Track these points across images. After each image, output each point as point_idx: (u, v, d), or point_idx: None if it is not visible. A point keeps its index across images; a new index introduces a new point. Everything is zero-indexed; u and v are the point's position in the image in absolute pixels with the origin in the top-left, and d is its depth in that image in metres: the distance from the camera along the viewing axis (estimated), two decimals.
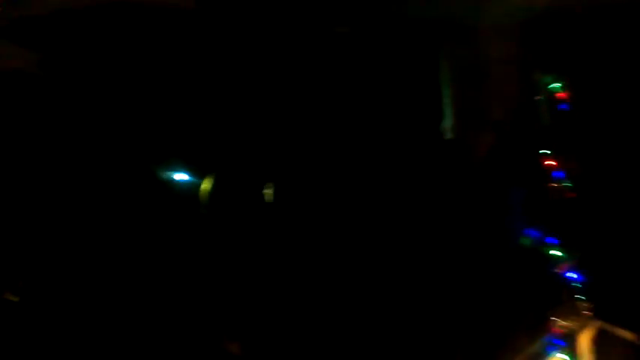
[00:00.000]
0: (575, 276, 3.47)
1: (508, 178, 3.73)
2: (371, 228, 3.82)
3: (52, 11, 4.00)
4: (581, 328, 3.37)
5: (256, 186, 4.02)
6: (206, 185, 3.92)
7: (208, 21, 3.98)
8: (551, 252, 3.44)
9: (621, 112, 4.09)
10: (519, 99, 3.85)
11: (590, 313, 3.48)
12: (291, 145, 4.11)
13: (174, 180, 3.96)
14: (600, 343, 3.43)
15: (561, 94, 3.61)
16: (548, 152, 3.62)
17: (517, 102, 3.89)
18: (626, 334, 3.47)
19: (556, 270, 3.42)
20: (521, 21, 4.09)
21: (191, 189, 3.94)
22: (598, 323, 3.44)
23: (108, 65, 4.17)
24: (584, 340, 3.38)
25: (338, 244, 3.82)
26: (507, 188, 3.70)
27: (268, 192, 3.90)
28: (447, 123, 4.06)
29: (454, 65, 4.26)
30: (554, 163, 3.62)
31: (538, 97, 3.58)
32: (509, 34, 4.11)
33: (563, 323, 3.34)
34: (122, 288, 3.79)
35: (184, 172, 3.98)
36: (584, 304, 3.51)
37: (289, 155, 4.11)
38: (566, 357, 3.32)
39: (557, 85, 3.59)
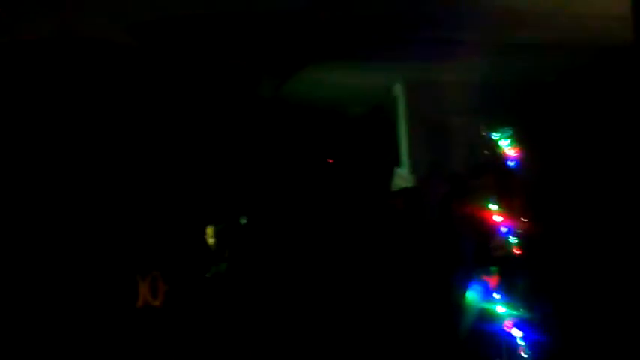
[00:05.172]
0: (520, 333, 3.47)
1: (458, 230, 3.75)
2: (318, 276, 3.87)
3: None
4: None
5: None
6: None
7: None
8: (496, 308, 3.44)
9: (571, 166, 4.15)
10: (474, 152, 3.89)
11: None
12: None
13: None
14: None
15: (510, 150, 3.63)
16: (496, 207, 3.62)
17: (472, 155, 3.94)
18: None
19: (500, 326, 3.42)
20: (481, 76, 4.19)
21: None
22: None
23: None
24: None
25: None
26: (456, 240, 3.72)
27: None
28: (402, 172, 4.11)
29: (414, 115, 4.31)
30: (501, 218, 3.61)
31: (486, 153, 3.61)
32: (470, 89, 4.18)
33: None
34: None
35: None
36: None
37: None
38: None
39: (507, 140, 3.62)
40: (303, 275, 3.91)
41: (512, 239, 3.51)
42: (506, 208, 3.54)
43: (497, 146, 3.59)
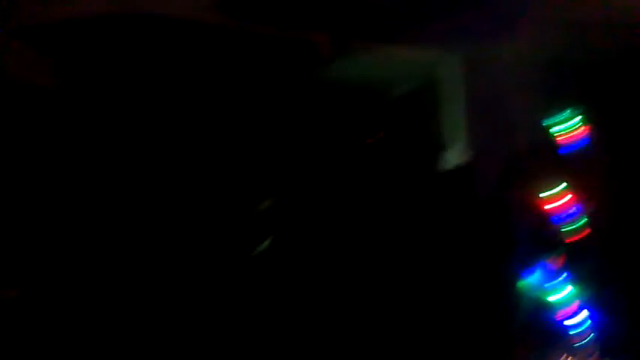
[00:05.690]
0: (580, 319, 3.37)
1: (514, 212, 3.63)
2: (369, 258, 3.74)
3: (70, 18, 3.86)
4: None
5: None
6: None
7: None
8: (551, 297, 3.33)
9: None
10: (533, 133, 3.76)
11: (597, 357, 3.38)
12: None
13: None
14: None
15: (575, 132, 3.53)
16: (560, 189, 3.52)
17: (531, 134, 3.81)
18: None
19: (556, 316, 3.32)
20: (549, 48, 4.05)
21: None
22: None
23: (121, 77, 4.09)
24: None
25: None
26: (512, 224, 3.60)
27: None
28: (453, 152, 3.98)
29: (469, 94, 4.17)
30: (564, 200, 3.52)
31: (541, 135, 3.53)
32: (531, 66, 4.05)
33: None
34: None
35: None
36: (590, 348, 3.41)
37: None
38: None
39: (570, 121, 3.52)
40: (343, 261, 3.80)
41: (580, 220, 3.43)
42: (574, 188, 3.46)
43: (550, 130, 3.53)
